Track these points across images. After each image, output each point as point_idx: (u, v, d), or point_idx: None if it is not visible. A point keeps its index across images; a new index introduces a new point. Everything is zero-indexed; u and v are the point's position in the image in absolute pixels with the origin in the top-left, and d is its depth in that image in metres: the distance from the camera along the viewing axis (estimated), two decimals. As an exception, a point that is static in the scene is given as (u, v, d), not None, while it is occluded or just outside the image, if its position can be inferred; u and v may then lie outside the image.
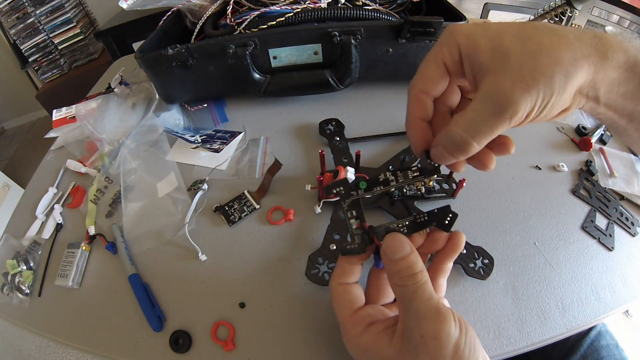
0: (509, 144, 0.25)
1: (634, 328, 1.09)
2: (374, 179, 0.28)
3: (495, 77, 0.21)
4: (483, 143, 0.22)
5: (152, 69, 0.54)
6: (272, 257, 0.40)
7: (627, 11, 0.86)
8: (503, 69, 0.20)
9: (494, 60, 0.21)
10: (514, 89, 0.20)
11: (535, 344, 0.33)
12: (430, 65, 0.24)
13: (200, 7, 0.61)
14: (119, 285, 0.40)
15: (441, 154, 0.24)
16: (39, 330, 0.38)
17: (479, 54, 0.21)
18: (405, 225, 0.28)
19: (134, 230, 0.44)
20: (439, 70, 0.24)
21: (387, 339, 0.25)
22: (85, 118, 0.57)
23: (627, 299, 0.36)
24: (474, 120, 0.22)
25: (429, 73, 0.24)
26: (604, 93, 0.21)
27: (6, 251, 0.44)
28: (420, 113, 0.25)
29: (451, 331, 0.23)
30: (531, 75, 0.20)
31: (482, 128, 0.21)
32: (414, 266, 0.25)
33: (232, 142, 0.52)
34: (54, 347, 1.12)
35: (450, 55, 0.23)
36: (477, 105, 0.21)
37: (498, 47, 0.21)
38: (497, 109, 0.21)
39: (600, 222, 0.42)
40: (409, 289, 0.24)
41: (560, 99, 0.20)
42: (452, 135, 0.23)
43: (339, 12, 0.52)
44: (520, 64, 0.20)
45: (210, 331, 0.35)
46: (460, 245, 0.28)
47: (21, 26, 1.68)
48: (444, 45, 0.23)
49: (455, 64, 0.23)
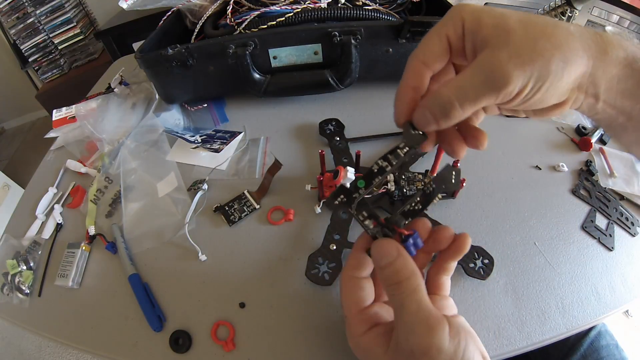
0: (482, 138, 0.25)
1: (634, 328, 1.09)
2: (369, 173, 0.27)
3: (493, 50, 0.21)
4: (467, 110, 0.22)
5: (152, 69, 0.54)
6: (272, 257, 0.40)
7: (627, 11, 0.86)
8: (502, 44, 0.20)
9: (495, 35, 0.21)
10: (509, 62, 0.20)
11: (535, 344, 0.33)
12: (433, 37, 0.24)
13: (200, 7, 0.61)
14: (119, 285, 0.40)
15: (425, 116, 0.23)
16: (39, 330, 0.38)
17: (482, 29, 0.21)
18: (417, 201, 0.27)
19: (134, 230, 0.44)
20: (441, 43, 0.23)
21: (384, 345, 0.25)
22: (85, 118, 0.57)
23: (627, 299, 0.36)
24: (463, 86, 0.22)
25: (432, 45, 0.24)
26: (603, 90, 0.21)
27: (6, 251, 0.44)
28: (414, 82, 0.25)
29: (442, 346, 0.22)
30: (529, 54, 0.20)
31: (469, 94, 0.21)
32: (399, 272, 0.24)
33: (232, 142, 0.52)
34: (54, 347, 1.12)
35: (454, 30, 0.23)
36: (469, 72, 0.21)
37: (501, 25, 0.21)
38: (488, 78, 0.21)
39: (600, 222, 0.42)
40: (397, 298, 0.24)
41: (556, 85, 0.20)
42: (440, 96, 0.22)
43: (339, 12, 0.52)
44: (520, 43, 0.20)
45: (210, 331, 0.35)
46: (466, 247, 0.27)
47: (21, 26, 1.68)
48: (449, 20, 0.23)
49: (458, 39, 0.23)
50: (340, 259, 0.38)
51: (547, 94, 0.21)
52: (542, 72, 0.20)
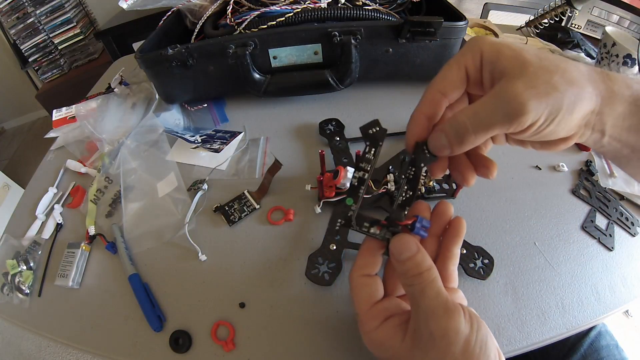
0: (492, 168, 0.26)
1: (633, 328, 1.09)
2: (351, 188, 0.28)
3: (510, 80, 0.21)
4: (480, 137, 0.23)
5: (152, 69, 0.54)
6: (272, 257, 0.40)
7: (627, 11, 0.86)
8: (519, 74, 0.21)
9: (513, 66, 0.22)
10: (524, 92, 0.20)
11: (535, 344, 0.33)
12: (452, 67, 0.25)
13: (200, 7, 0.61)
14: (119, 285, 0.40)
15: (440, 141, 0.24)
16: (39, 330, 0.38)
17: (500, 60, 0.22)
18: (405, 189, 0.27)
19: (134, 230, 0.44)
20: (460, 73, 0.24)
21: (401, 335, 0.25)
22: (85, 118, 0.58)
23: (627, 299, 0.36)
24: (479, 113, 0.22)
25: (450, 75, 0.25)
26: (610, 126, 0.22)
27: (6, 251, 0.44)
28: (429, 110, 0.26)
29: (460, 328, 0.23)
30: (544, 87, 0.20)
31: (484, 121, 0.22)
32: (420, 265, 0.25)
33: (232, 142, 0.52)
34: (54, 347, 1.12)
35: (473, 61, 0.24)
36: (486, 100, 0.22)
37: (519, 57, 0.22)
38: (504, 107, 0.21)
39: (600, 222, 0.42)
40: (417, 287, 0.25)
41: (566, 119, 0.21)
42: (455, 122, 0.23)
43: (339, 12, 0.52)
44: (536, 75, 0.21)
45: (210, 331, 0.35)
46: (463, 228, 0.28)
47: (21, 26, 1.68)
48: (468, 51, 0.24)
49: (476, 69, 0.24)
50: (340, 259, 0.38)
51: (557, 127, 0.22)
52: (555, 105, 0.21)
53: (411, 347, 0.24)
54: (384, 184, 0.43)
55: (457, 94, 0.25)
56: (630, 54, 0.58)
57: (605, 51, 0.62)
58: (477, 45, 0.24)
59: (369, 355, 0.33)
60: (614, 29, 0.62)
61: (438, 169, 0.27)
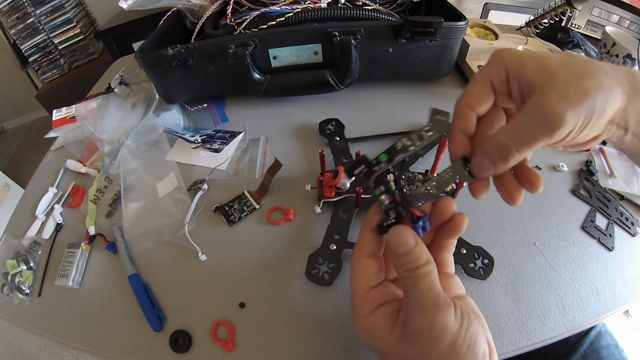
0: (538, 183, 0.25)
1: (633, 328, 1.09)
2: (392, 149, 0.28)
3: (542, 93, 0.22)
4: (523, 153, 0.23)
5: (152, 69, 0.54)
6: (272, 257, 0.40)
7: (627, 11, 0.86)
8: (550, 86, 0.22)
9: (541, 78, 0.22)
10: (559, 104, 0.21)
11: (535, 344, 0.33)
12: (477, 82, 0.25)
13: (200, 7, 0.61)
14: (119, 285, 0.40)
15: (483, 163, 0.24)
16: (39, 330, 0.38)
17: (526, 72, 0.23)
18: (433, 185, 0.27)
19: (134, 230, 0.44)
20: (485, 87, 0.25)
21: (390, 324, 0.25)
22: (85, 118, 0.57)
23: (627, 299, 0.36)
24: (518, 129, 0.23)
25: (476, 90, 0.25)
26: (633, 123, 0.23)
27: (6, 251, 0.44)
28: (462, 125, 0.26)
29: (448, 324, 0.23)
30: (576, 95, 0.21)
31: (525, 138, 0.22)
32: (417, 260, 0.25)
33: (232, 142, 0.52)
34: (54, 347, 1.12)
35: (498, 75, 0.24)
36: (523, 117, 0.23)
37: (545, 67, 0.22)
38: (542, 122, 0.22)
39: (600, 222, 0.42)
40: (411, 280, 0.25)
41: (598, 121, 0.22)
42: (496, 142, 0.23)
43: (339, 12, 0.52)
44: (566, 83, 0.21)
45: (210, 331, 0.35)
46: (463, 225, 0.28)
47: (21, 26, 1.68)
48: (492, 65, 0.24)
49: (502, 83, 0.24)
50: (340, 259, 0.38)
51: (590, 131, 0.22)
52: (589, 110, 0.21)
53: (399, 338, 0.24)
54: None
55: (486, 106, 0.26)
56: (630, 54, 0.58)
57: (605, 51, 0.62)
58: (500, 58, 0.24)
59: (368, 355, 0.33)
60: (614, 29, 0.62)
61: (481, 188, 0.27)
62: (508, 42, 0.64)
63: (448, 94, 0.60)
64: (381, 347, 0.26)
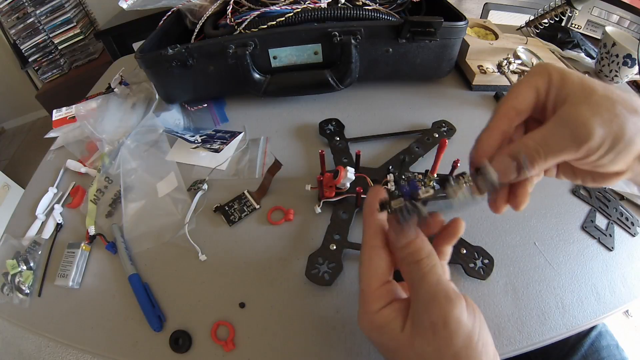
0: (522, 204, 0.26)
1: (634, 328, 1.09)
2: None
3: (575, 105, 0.22)
4: (549, 162, 0.23)
5: (152, 69, 0.54)
6: (272, 257, 0.40)
7: (627, 11, 0.86)
8: (584, 100, 0.22)
9: (579, 92, 0.23)
10: (591, 119, 0.21)
11: (535, 344, 0.33)
12: (525, 87, 0.25)
13: (200, 7, 0.61)
14: (119, 285, 0.40)
15: (506, 165, 0.24)
16: (39, 330, 0.38)
17: (567, 85, 0.23)
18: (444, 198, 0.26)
19: (134, 230, 0.44)
20: (531, 93, 0.25)
21: (402, 320, 0.24)
22: (85, 118, 0.57)
23: (627, 299, 0.36)
24: (548, 137, 0.23)
25: (524, 93, 0.25)
26: None
27: (6, 251, 0.44)
28: (505, 126, 0.25)
29: (462, 318, 0.22)
30: (608, 115, 0.21)
31: (553, 146, 0.22)
32: (420, 251, 0.25)
33: (232, 142, 0.52)
34: (54, 347, 1.12)
35: (542, 83, 0.24)
36: (553, 125, 0.23)
37: (586, 84, 0.23)
38: (571, 131, 0.22)
39: (600, 222, 0.42)
40: (416, 274, 0.24)
41: (625, 150, 0.22)
42: (525, 146, 0.23)
43: (339, 12, 0.52)
44: (600, 103, 0.22)
45: (210, 331, 0.35)
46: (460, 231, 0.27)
47: (21, 26, 1.68)
48: (537, 74, 0.25)
49: (544, 92, 0.24)
50: (340, 259, 0.38)
51: (617, 157, 0.22)
52: (619, 132, 0.21)
53: (411, 335, 0.23)
54: (384, 184, 0.43)
55: (527, 114, 0.26)
56: (630, 54, 0.58)
57: (605, 51, 0.62)
58: (545, 69, 0.24)
59: (368, 355, 0.33)
60: (614, 29, 0.62)
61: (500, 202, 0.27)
62: (508, 42, 0.64)
63: (448, 94, 0.60)
64: (391, 344, 0.25)
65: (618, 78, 0.62)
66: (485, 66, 0.59)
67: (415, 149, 0.48)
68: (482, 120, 0.59)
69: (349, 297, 0.37)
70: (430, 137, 0.50)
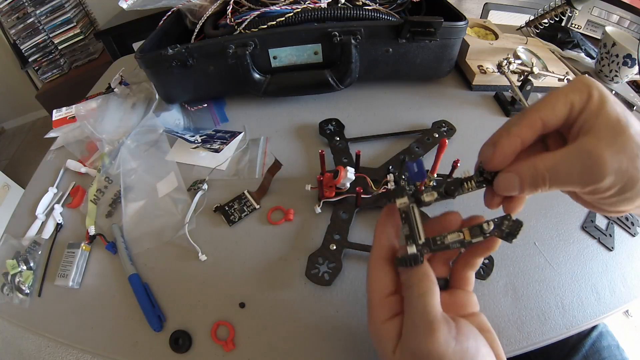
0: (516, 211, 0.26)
1: (634, 328, 1.09)
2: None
3: (599, 141, 0.21)
4: (553, 188, 0.23)
5: (152, 69, 0.54)
6: (272, 257, 0.40)
7: (627, 11, 0.86)
8: (610, 139, 0.21)
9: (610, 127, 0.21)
10: (608, 161, 0.20)
11: (535, 344, 0.33)
12: (559, 99, 0.23)
13: (200, 7, 0.61)
14: (119, 285, 0.40)
15: (511, 182, 0.24)
16: (39, 330, 0.38)
17: (603, 114, 0.21)
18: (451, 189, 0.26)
19: (134, 230, 0.44)
20: (565, 107, 0.23)
21: (397, 336, 0.24)
22: (85, 118, 0.58)
23: (627, 299, 0.36)
24: (559, 167, 0.22)
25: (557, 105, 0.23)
26: None
27: (6, 251, 0.44)
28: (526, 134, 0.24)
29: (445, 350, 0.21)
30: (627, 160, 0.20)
31: (562, 178, 0.22)
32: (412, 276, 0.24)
33: (232, 142, 0.52)
34: (54, 347, 1.12)
35: (580, 100, 0.22)
36: (568, 155, 0.22)
37: (621, 120, 0.21)
38: (583, 169, 0.21)
39: (600, 222, 0.42)
40: (407, 299, 0.24)
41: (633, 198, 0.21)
42: (534, 168, 0.23)
43: (339, 12, 0.52)
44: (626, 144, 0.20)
45: (210, 331, 0.35)
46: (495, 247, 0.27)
47: (21, 26, 1.68)
48: (576, 90, 0.23)
49: (577, 111, 0.22)
50: (340, 258, 0.38)
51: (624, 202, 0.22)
52: (631, 180, 0.20)
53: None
54: (383, 184, 0.43)
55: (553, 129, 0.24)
56: (630, 54, 0.58)
57: (605, 51, 0.62)
58: (587, 87, 0.22)
59: (368, 355, 0.33)
60: (614, 29, 0.62)
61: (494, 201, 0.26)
62: (508, 42, 0.64)
63: (448, 94, 0.60)
64: None
65: (618, 78, 0.62)
66: (485, 66, 0.59)
67: (415, 149, 0.48)
68: (482, 120, 0.59)
69: (349, 297, 0.37)
70: (430, 137, 0.50)
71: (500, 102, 0.57)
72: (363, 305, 0.36)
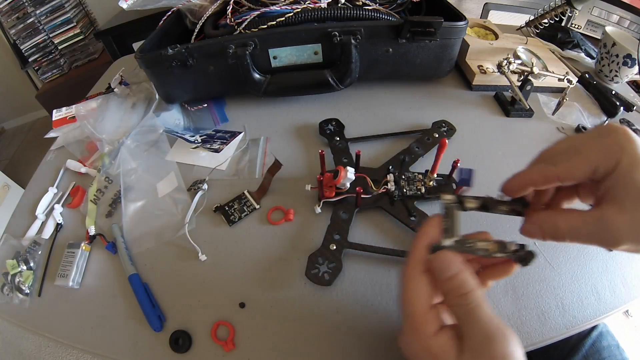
0: None
1: (634, 328, 1.09)
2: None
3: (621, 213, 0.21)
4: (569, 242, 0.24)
5: (152, 69, 0.54)
6: (272, 257, 0.40)
7: (627, 11, 0.86)
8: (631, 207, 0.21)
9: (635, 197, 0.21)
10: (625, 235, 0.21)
11: (536, 344, 0.33)
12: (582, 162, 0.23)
13: (200, 7, 0.61)
14: (119, 285, 0.40)
15: (534, 232, 0.26)
16: (39, 330, 0.38)
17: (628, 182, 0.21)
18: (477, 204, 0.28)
19: (134, 230, 0.44)
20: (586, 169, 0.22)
21: (455, 350, 0.23)
22: (85, 118, 0.58)
23: (627, 299, 0.36)
24: (580, 231, 0.23)
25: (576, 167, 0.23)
26: None
27: (6, 251, 0.44)
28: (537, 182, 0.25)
29: (518, 355, 0.22)
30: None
31: (581, 239, 0.23)
32: (464, 285, 0.24)
33: (232, 142, 0.52)
34: (54, 347, 1.12)
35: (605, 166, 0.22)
36: (590, 222, 0.23)
37: None
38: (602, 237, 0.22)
39: (600, 222, 0.42)
40: (464, 309, 0.24)
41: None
42: (557, 228, 0.24)
43: (339, 12, 0.52)
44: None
45: (210, 331, 0.35)
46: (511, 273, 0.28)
47: (21, 26, 1.68)
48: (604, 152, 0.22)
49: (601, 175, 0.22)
50: (340, 258, 0.38)
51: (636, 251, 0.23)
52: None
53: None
54: (384, 184, 0.43)
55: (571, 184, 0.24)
56: (630, 54, 0.58)
57: (605, 51, 0.62)
58: (617, 153, 0.21)
59: (368, 355, 0.33)
60: (614, 29, 0.62)
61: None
62: (508, 42, 0.64)
63: (448, 94, 0.60)
64: None
65: (618, 78, 0.62)
66: (485, 66, 0.59)
67: (415, 149, 0.48)
68: (482, 120, 0.59)
69: (349, 297, 0.37)
70: (430, 137, 0.50)
71: (500, 102, 0.57)
72: (363, 305, 0.36)
